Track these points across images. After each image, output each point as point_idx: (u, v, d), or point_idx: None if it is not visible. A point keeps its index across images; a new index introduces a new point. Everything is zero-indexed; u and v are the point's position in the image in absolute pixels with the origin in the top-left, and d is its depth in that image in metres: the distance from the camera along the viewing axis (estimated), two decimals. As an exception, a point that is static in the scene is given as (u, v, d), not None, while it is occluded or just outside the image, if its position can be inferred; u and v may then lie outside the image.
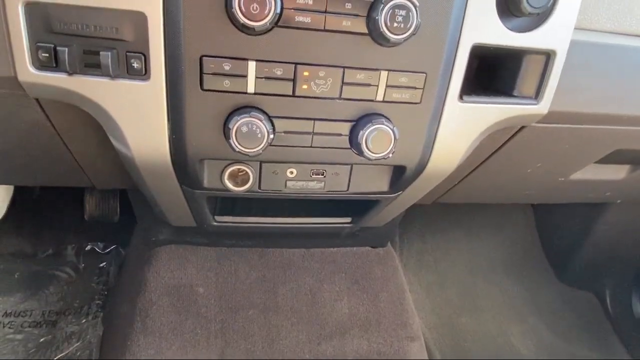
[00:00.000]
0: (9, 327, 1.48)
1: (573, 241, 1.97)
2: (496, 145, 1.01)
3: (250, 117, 0.73)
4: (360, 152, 0.79)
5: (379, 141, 0.77)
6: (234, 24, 0.67)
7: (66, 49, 0.67)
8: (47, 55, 0.68)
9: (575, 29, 0.82)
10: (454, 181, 1.19)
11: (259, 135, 0.74)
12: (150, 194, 0.99)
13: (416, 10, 0.68)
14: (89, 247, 1.76)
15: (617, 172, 1.27)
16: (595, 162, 1.16)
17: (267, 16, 0.65)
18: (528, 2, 0.74)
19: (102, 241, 1.79)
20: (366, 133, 0.77)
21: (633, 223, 1.78)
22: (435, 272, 1.97)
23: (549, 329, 1.89)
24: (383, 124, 0.77)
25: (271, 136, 0.75)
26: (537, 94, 0.85)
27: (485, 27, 0.76)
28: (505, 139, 0.99)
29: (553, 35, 0.80)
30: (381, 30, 0.69)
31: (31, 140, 0.93)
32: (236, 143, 0.73)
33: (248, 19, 0.65)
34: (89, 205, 1.64)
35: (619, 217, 1.77)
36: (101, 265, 1.72)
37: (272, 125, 0.76)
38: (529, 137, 0.98)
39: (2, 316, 1.51)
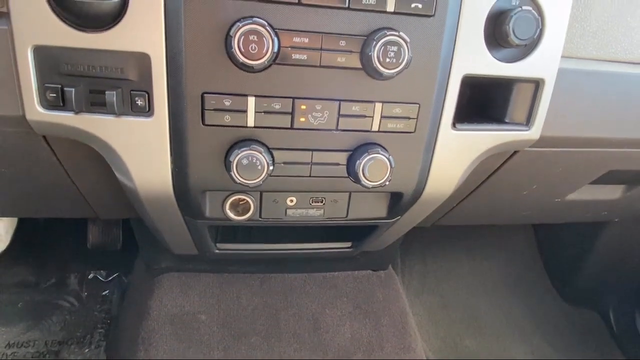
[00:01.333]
0: (12, 359, 1.48)
1: (574, 259, 1.97)
2: (491, 169, 1.03)
3: (251, 149, 0.75)
4: (357, 181, 0.81)
5: (375, 170, 0.80)
6: (233, 63, 0.70)
7: (73, 89, 0.70)
8: (55, 95, 0.71)
9: (563, 57, 0.85)
10: (452, 204, 1.20)
11: (259, 167, 0.76)
12: (153, 224, 1.01)
13: (407, 46, 0.71)
14: (91, 276, 1.77)
15: (613, 192, 1.28)
16: (590, 183, 1.18)
17: (265, 55, 0.68)
18: (515, 35, 0.77)
19: (105, 269, 1.80)
20: (363, 162, 0.79)
21: (634, 240, 1.79)
22: (437, 293, 1.97)
23: (553, 349, 1.88)
24: (379, 153, 0.79)
25: (271, 167, 0.77)
26: (529, 120, 0.88)
27: (475, 59, 0.80)
28: (499, 163, 1.01)
29: (541, 64, 0.83)
30: (374, 65, 0.72)
31: (37, 174, 0.95)
32: (237, 175, 0.76)
33: (247, 58, 0.68)
34: (92, 234, 1.66)
35: (619, 234, 1.78)
36: (104, 293, 1.72)
37: (272, 156, 0.79)
38: (522, 161, 1.00)
39: (5, 347, 1.51)
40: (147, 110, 0.74)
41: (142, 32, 0.69)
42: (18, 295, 1.67)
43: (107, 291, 1.72)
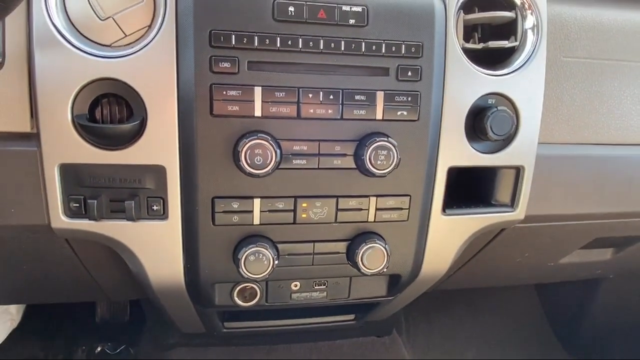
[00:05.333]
0: None
1: (576, 313, 1.99)
2: (482, 243, 1.09)
3: (257, 246, 0.82)
4: (357, 268, 0.87)
5: (373, 258, 0.86)
6: (241, 171, 0.77)
7: (95, 201, 0.77)
8: (78, 205, 0.79)
9: (540, 143, 0.93)
10: (448, 274, 1.25)
11: (265, 262, 0.82)
12: (163, 307, 1.06)
13: (396, 149, 0.79)
14: (99, 349, 1.78)
15: (603, 254, 1.34)
16: (580, 248, 1.24)
17: (269, 165, 0.76)
18: (493, 131, 0.85)
19: (112, 341, 1.81)
20: (361, 251, 0.86)
21: (631, 293, 1.82)
22: (443, 352, 1.97)
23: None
24: (376, 242, 0.86)
25: (276, 261, 0.83)
26: (513, 202, 0.95)
27: (458, 152, 0.88)
28: (490, 238, 1.07)
29: (519, 153, 0.91)
30: (367, 167, 0.79)
31: (54, 267, 1.01)
32: (245, 271, 0.82)
33: (253, 169, 0.75)
34: (100, 309, 1.69)
35: (616, 288, 1.82)
36: (111, 366, 1.73)
37: (277, 250, 0.85)
38: (511, 236, 1.06)
39: None
40: (162, 214, 0.81)
41: (159, 148, 0.77)
42: (26, 373, 1.68)
43: (114, 364, 1.73)
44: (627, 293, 1.85)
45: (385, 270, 0.87)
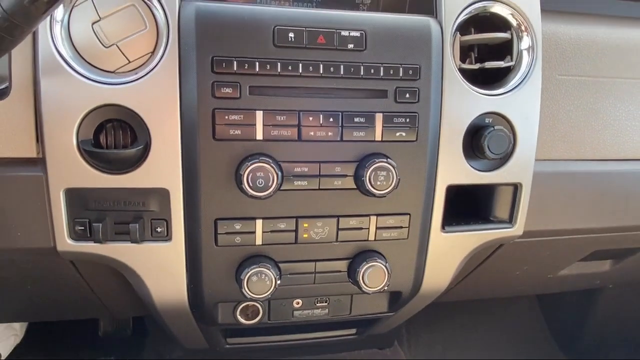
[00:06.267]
0: None
1: (578, 322, 1.99)
2: (481, 258, 1.10)
3: (259, 267, 0.83)
4: (358, 287, 0.88)
5: (374, 277, 0.87)
6: (243, 193, 0.79)
7: (100, 224, 0.78)
8: (83, 228, 0.80)
9: (537, 160, 0.95)
10: (450, 286, 1.26)
11: (268, 282, 0.83)
12: (166, 324, 1.07)
13: (395, 170, 0.81)
14: (101, 363, 1.78)
15: (602, 266, 1.35)
16: (578, 261, 1.25)
17: (270, 187, 0.77)
18: (490, 150, 0.87)
19: (115, 354, 1.82)
20: (362, 270, 0.87)
21: (631, 302, 1.83)
22: (444, 362, 1.97)
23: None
24: (376, 261, 0.87)
25: (278, 281, 0.84)
26: (511, 218, 0.96)
27: (456, 171, 0.89)
28: (489, 253, 1.08)
29: (517, 170, 0.92)
30: (367, 187, 0.81)
31: (59, 287, 1.02)
32: (248, 291, 0.83)
33: (255, 191, 0.77)
34: (103, 324, 1.70)
35: (616, 296, 1.82)
36: (114, 380, 1.73)
37: (279, 269, 0.86)
38: (510, 250, 1.07)
39: None
40: (166, 236, 0.82)
41: (162, 171, 0.78)
42: (29, 388, 1.68)
43: (117, 378, 1.73)
44: (628, 302, 1.86)
45: (386, 288, 0.88)
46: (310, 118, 0.80)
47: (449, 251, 0.94)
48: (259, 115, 0.78)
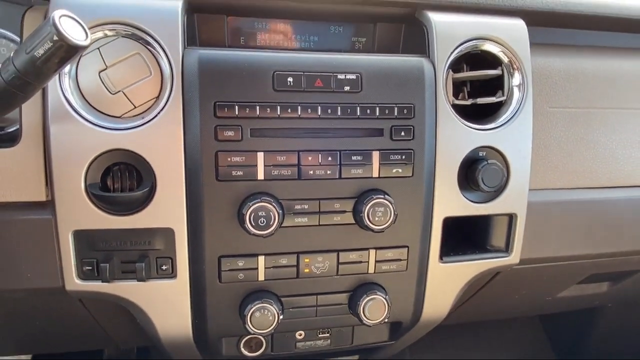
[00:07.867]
0: None
1: (579, 337, 2.00)
2: (480, 284, 1.12)
3: (262, 302, 0.85)
4: (359, 319, 0.90)
5: (374, 309, 0.89)
6: (246, 232, 0.81)
7: (107, 264, 0.81)
8: (90, 268, 0.82)
9: (531, 190, 0.97)
10: (450, 312, 1.28)
11: (270, 317, 0.85)
12: (170, 356, 1.09)
13: (392, 206, 0.83)
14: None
15: (599, 287, 1.37)
16: (576, 283, 1.27)
17: (272, 225, 0.80)
18: (485, 184, 0.89)
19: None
20: (363, 303, 0.89)
21: (631, 320, 1.84)
22: (448, 382, 1.97)
23: None
24: (377, 293, 0.89)
25: (281, 316, 0.86)
26: (508, 247, 0.99)
27: (452, 203, 0.92)
28: (487, 280, 1.10)
29: (511, 201, 0.95)
30: (365, 223, 0.83)
31: (66, 322, 1.04)
32: (251, 326, 0.85)
33: (257, 230, 0.79)
34: (108, 351, 1.71)
35: (616, 314, 1.83)
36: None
37: (281, 304, 0.88)
38: (508, 276, 1.09)
39: None
40: (171, 273, 0.85)
41: (167, 212, 0.81)
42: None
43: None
44: (628, 318, 1.87)
45: (386, 320, 0.90)
46: (310, 157, 0.83)
47: (447, 281, 0.97)
48: (260, 156, 0.81)
